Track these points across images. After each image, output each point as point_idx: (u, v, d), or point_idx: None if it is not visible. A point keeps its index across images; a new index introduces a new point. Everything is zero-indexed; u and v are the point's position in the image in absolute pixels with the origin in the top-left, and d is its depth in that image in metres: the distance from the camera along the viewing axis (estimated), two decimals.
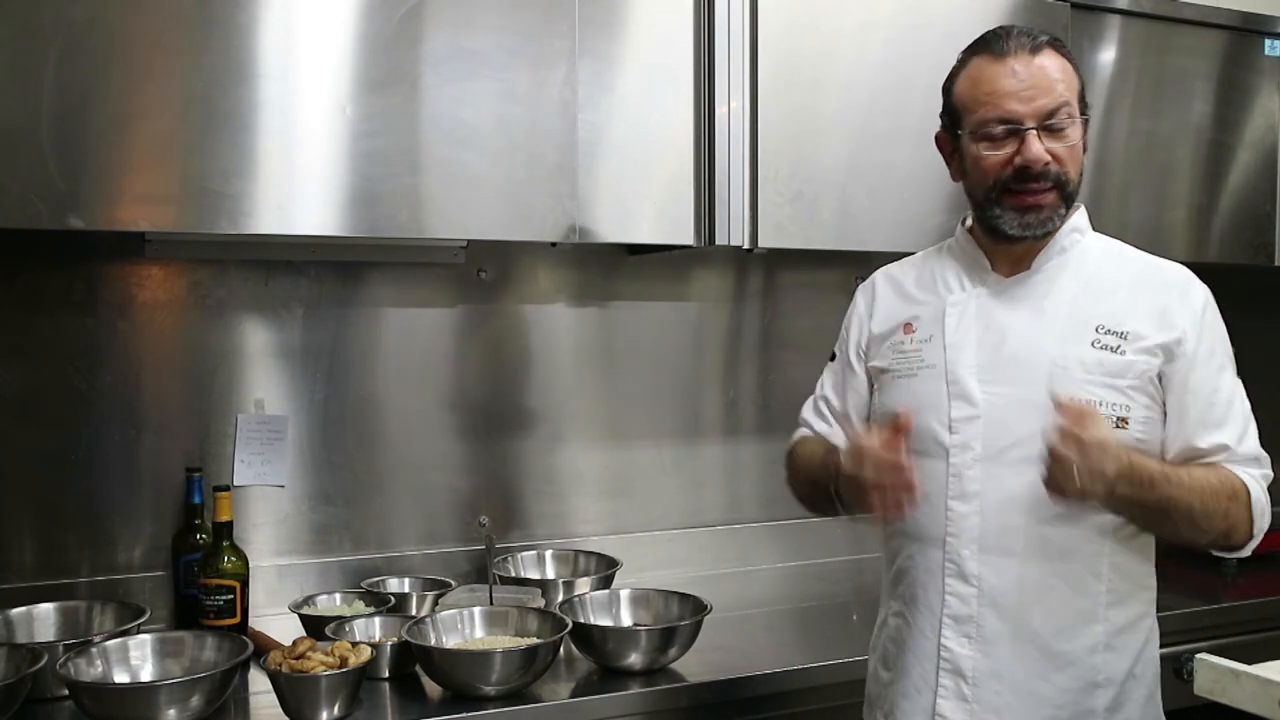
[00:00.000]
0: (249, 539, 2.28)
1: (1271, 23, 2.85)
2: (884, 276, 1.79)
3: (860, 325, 1.77)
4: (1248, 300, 1.59)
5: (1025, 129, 1.53)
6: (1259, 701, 1.22)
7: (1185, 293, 1.59)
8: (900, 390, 1.66)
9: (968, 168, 1.61)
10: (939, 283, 1.69)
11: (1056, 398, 1.43)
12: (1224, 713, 1.29)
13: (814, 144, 2.33)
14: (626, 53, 2.19)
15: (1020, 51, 1.54)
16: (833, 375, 1.83)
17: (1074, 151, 1.56)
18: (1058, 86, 1.53)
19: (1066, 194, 1.57)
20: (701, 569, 2.67)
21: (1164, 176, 2.76)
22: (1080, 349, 1.55)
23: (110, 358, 2.22)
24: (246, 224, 1.91)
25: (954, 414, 1.59)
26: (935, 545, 1.61)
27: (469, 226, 2.09)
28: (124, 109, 1.84)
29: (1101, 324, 1.56)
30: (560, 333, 2.59)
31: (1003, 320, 1.61)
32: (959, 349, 1.61)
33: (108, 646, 1.78)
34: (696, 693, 1.91)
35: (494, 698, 1.80)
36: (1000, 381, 1.58)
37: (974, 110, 1.57)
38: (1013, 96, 1.53)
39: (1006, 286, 1.63)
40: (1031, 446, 1.48)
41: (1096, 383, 1.53)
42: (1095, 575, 1.57)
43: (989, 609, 1.57)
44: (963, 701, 1.58)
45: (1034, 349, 1.57)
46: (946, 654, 1.59)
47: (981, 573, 1.57)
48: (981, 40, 1.60)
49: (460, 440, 2.50)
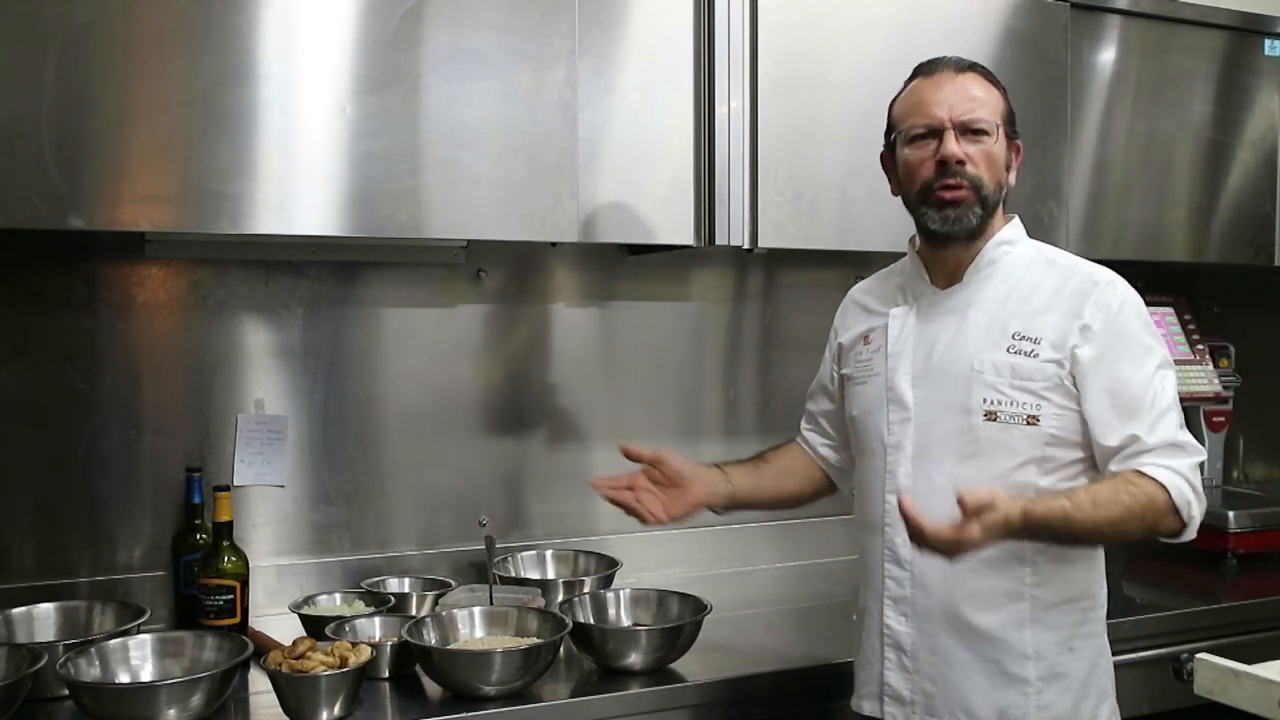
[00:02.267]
0: (249, 539, 2.28)
1: (1271, 23, 2.85)
2: (856, 292, 1.97)
3: (834, 340, 1.97)
4: (1248, 300, 1.58)
5: (944, 129, 1.69)
6: (1259, 701, 1.22)
7: (1101, 294, 1.68)
8: (855, 395, 1.85)
9: (900, 175, 1.77)
10: (890, 297, 1.85)
11: (960, 498, 1.50)
12: (1224, 713, 1.29)
13: (814, 144, 2.33)
14: (626, 53, 2.19)
15: (946, 70, 1.73)
16: (815, 383, 2.04)
17: (989, 157, 1.71)
18: (976, 100, 1.71)
19: (981, 196, 1.70)
20: (701, 569, 2.67)
21: (1164, 176, 2.76)
22: (996, 355, 1.68)
23: (110, 358, 2.22)
24: (246, 224, 1.91)
25: (890, 417, 1.76)
26: (876, 533, 1.78)
27: (469, 226, 2.09)
28: (124, 109, 1.84)
29: (1018, 330, 1.69)
30: (560, 333, 2.59)
31: (934, 330, 1.76)
32: (898, 358, 1.78)
33: (108, 646, 1.78)
34: (696, 693, 1.91)
35: (494, 698, 1.79)
36: (929, 387, 1.73)
37: (904, 120, 1.76)
38: (935, 104, 1.71)
39: (940, 299, 1.78)
40: (952, 444, 1.69)
41: (1008, 384, 1.67)
42: (1018, 558, 1.67)
43: (920, 590, 1.73)
44: (905, 672, 1.75)
45: (956, 356, 1.72)
46: (888, 631, 1.76)
47: (913, 557, 1.71)
48: (919, 66, 1.78)
49: (460, 440, 2.50)
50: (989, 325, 1.71)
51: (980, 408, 1.67)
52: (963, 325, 1.73)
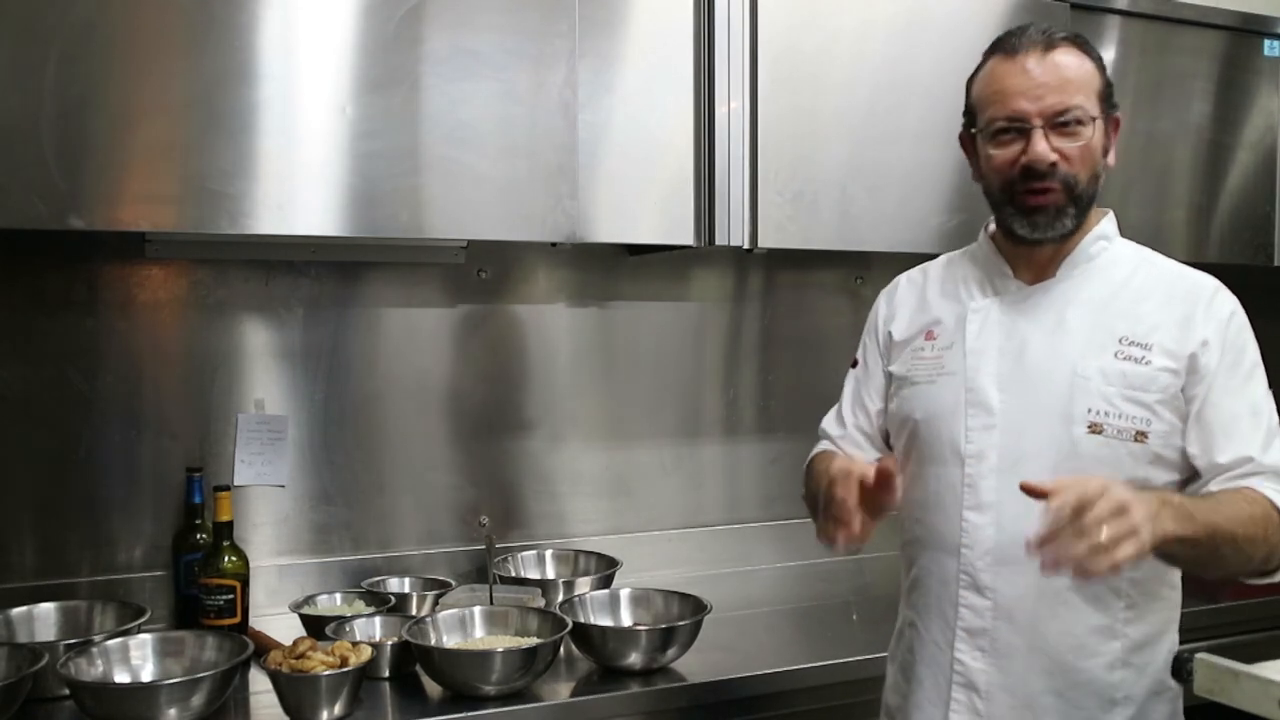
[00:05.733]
0: (249, 539, 2.28)
1: (1271, 23, 2.85)
2: (906, 280, 1.77)
3: (881, 330, 1.75)
4: (1248, 300, 1.58)
5: (1031, 127, 1.50)
6: (1259, 701, 1.22)
7: (1210, 302, 1.54)
8: (920, 397, 1.64)
9: (983, 168, 1.59)
10: (961, 289, 1.66)
11: (1033, 489, 1.30)
12: (1224, 713, 1.29)
13: (814, 144, 2.33)
14: (626, 53, 2.19)
15: (1033, 49, 1.51)
16: (853, 383, 1.80)
17: (1085, 151, 1.51)
18: (1069, 85, 1.50)
19: (1075, 195, 1.53)
20: (701, 569, 2.67)
21: (1164, 176, 2.76)
22: (1103, 360, 1.51)
23: (110, 358, 2.22)
24: (246, 224, 1.91)
25: (971, 423, 1.57)
26: (950, 555, 1.58)
27: (469, 226, 2.09)
28: (124, 109, 1.84)
29: (1125, 335, 1.52)
30: (560, 333, 2.59)
31: (1024, 329, 1.57)
32: (979, 356, 1.58)
33: (108, 646, 1.79)
34: (696, 693, 1.91)
35: (494, 698, 1.80)
36: (1020, 392, 1.55)
37: (985, 109, 1.56)
38: (1020, 95, 1.50)
39: (1029, 294, 1.59)
40: (1048, 457, 1.49)
41: (1118, 395, 1.50)
42: (1114, 590, 1.52)
43: (1003, 622, 1.54)
44: (975, 716, 1.56)
45: (1055, 359, 1.54)
46: (960, 667, 1.57)
47: (996, 585, 1.54)
48: (998, 39, 1.58)
49: (460, 440, 2.50)
50: (1093, 327, 1.53)
51: (1084, 418, 1.49)
52: (1060, 325, 1.55)
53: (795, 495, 1.83)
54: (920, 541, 1.65)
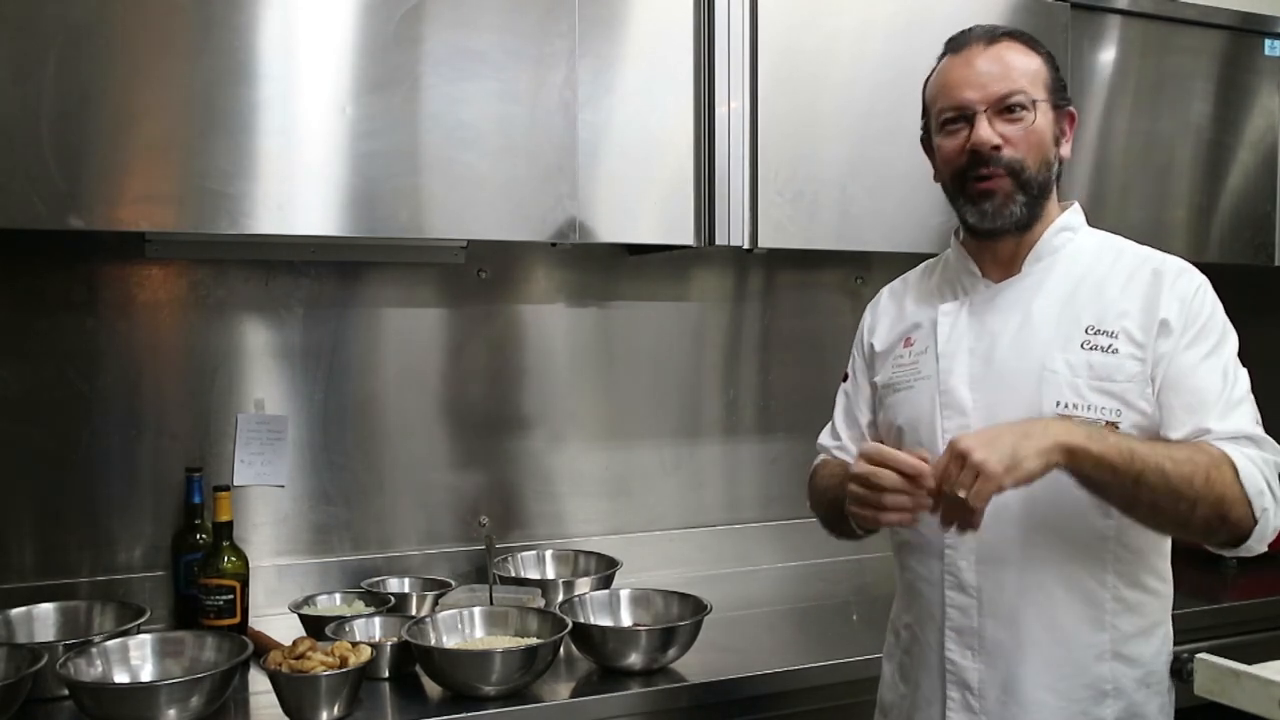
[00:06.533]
0: (249, 539, 2.28)
1: (1271, 23, 2.85)
2: (887, 292, 1.80)
3: (865, 343, 1.78)
4: (1248, 300, 1.58)
5: (975, 113, 1.54)
6: (1259, 701, 1.22)
7: (1174, 282, 1.53)
8: (900, 404, 1.66)
9: (937, 163, 1.62)
10: (934, 293, 1.69)
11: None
12: (1224, 713, 1.29)
13: (814, 144, 2.33)
14: (626, 53, 2.19)
15: (976, 44, 1.57)
16: (844, 398, 1.82)
17: (1030, 136, 1.53)
18: (1013, 72, 1.54)
19: (1023, 181, 1.54)
20: (701, 569, 2.67)
21: (1164, 176, 2.76)
22: (1069, 352, 1.52)
23: (110, 358, 2.22)
24: (246, 224, 1.91)
25: (946, 424, 1.58)
26: (934, 556, 1.60)
27: (469, 226, 2.09)
28: (124, 109, 1.84)
29: (1092, 324, 1.53)
30: (560, 333, 2.59)
31: (993, 327, 1.59)
32: (951, 358, 1.60)
33: (108, 646, 1.79)
34: (696, 693, 1.91)
35: (494, 698, 1.80)
36: (990, 390, 1.56)
37: (935, 104, 1.61)
38: (965, 85, 1.55)
39: (997, 292, 1.61)
40: None
41: (1086, 386, 1.50)
42: (1099, 582, 1.53)
43: (989, 619, 1.56)
44: (970, 713, 1.57)
45: (1023, 355, 1.55)
46: (951, 666, 1.59)
47: (980, 583, 1.56)
48: (948, 40, 1.63)
49: (460, 440, 2.50)
50: (1058, 319, 1.54)
51: (1053, 411, 1.49)
52: (1027, 320, 1.56)
53: (795, 495, 1.83)
54: (907, 544, 1.67)
